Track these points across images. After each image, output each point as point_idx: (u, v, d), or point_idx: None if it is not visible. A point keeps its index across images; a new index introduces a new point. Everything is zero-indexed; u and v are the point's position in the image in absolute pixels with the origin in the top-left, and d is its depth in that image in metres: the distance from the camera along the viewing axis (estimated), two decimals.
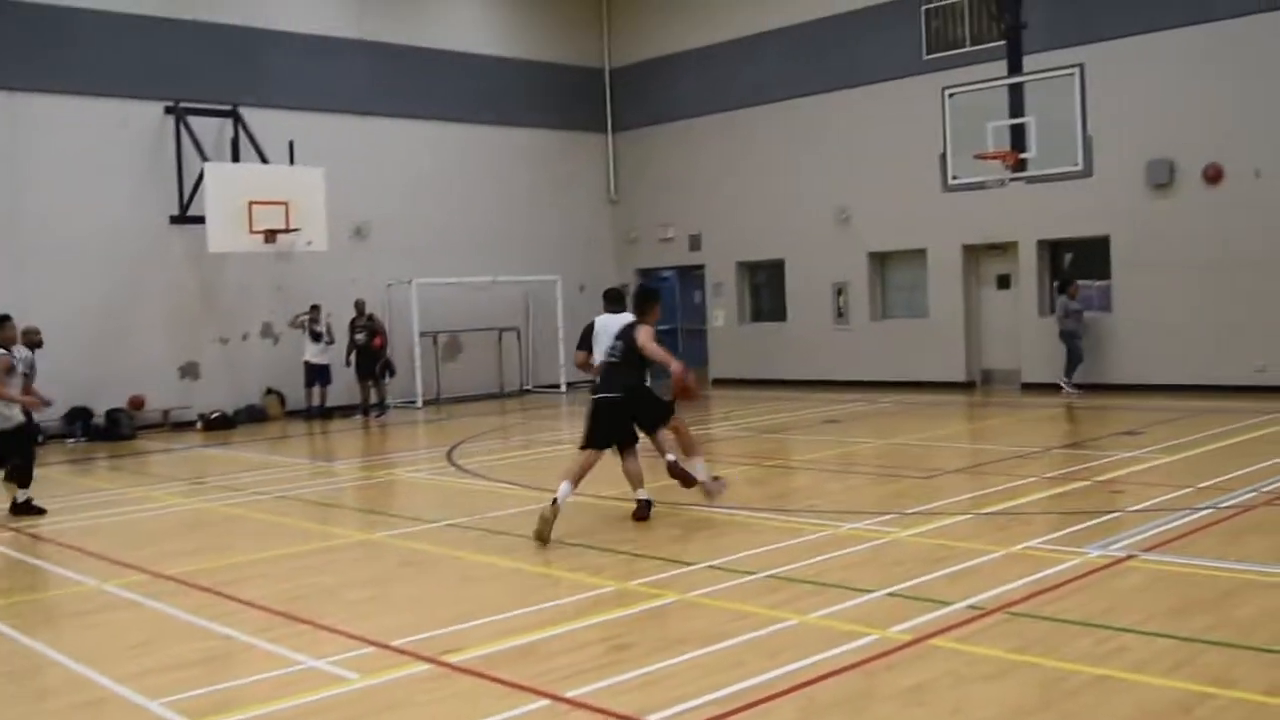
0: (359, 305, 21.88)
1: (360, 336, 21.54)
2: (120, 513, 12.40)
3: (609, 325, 11.20)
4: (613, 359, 10.26)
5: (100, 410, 20.06)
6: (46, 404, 12.89)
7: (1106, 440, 14.42)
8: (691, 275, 26.96)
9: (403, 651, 6.55)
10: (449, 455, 15.61)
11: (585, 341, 11.76)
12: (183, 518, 12.02)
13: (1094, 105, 16.10)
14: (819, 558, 8.37)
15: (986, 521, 9.52)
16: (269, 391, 22.15)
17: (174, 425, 20.87)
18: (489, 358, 25.41)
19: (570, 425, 19.74)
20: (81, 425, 19.79)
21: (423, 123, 24.59)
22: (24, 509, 12.11)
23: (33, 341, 13.38)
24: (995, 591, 7.15)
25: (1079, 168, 16.09)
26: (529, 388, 25.74)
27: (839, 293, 23.63)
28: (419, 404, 23.12)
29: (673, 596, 7.48)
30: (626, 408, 10.10)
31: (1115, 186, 19.12)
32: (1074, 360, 19.54)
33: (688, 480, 10.42)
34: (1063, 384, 19.60)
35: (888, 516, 9.83)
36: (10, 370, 11.79)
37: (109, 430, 19.82)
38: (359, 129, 23.56)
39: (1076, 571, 7.61)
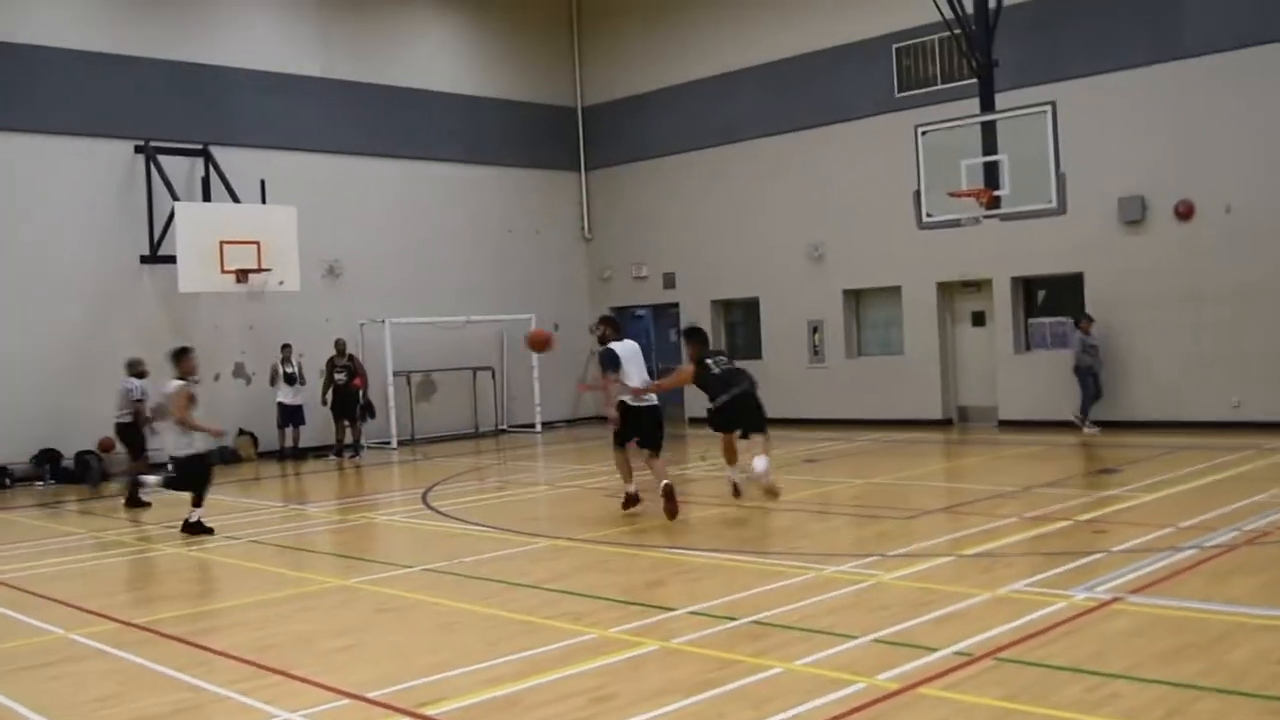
0: (339, 345, 21.69)
1: (340, 376, 21.36)
2: (89, 558, 12.20)
3: (631, 348, 12.89)
4: (730, 367, 13.02)
5: (69, 452, 19.78)
6: (219, 434, 14.61)
7: (1085, 479, 14.39)
8: (666, 313, 26.89)
9: (380, 704, 6.39)
10: (424, 497, 15.44)
11: (616, 365, 12.55)
12: (153, 563, 11.82)
13: (1066, 142, 16.14)
14: (802, 602, 8.24)
15: (969, 563, 9.42)
16: (241, 432, 21.90)
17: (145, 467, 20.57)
18: (464, 397, 25.25)
19: (547, 465, 19.62)
20: (50, 468, 19.51)
21: (395, 161, 24.52)
22: (195, 528, 13.11)
23: (140, 372, 16.54)
24: (982, 637, 7.04)
25: (1052, 205, 16.11)
26: (504, 427, 25.58)
27: (814, 330, 23.60)
28: (394, 444, 22.93)
29: (654, 644, 7.34)
30: (754, 400, 12.81)
31: (1088, 223, 19.16)
32: (1090, 396, 19.41)
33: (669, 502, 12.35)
34: (1076, 420, 19.30)
35: (870, 559, 9.72)
36: (193, 400, 13.23)
37: (78, 473, 19.54)
38: (331, 168, 23.47)
39: (1063, 615, 7.51)
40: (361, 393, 21.74)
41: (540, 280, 26.71)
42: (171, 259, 19.93)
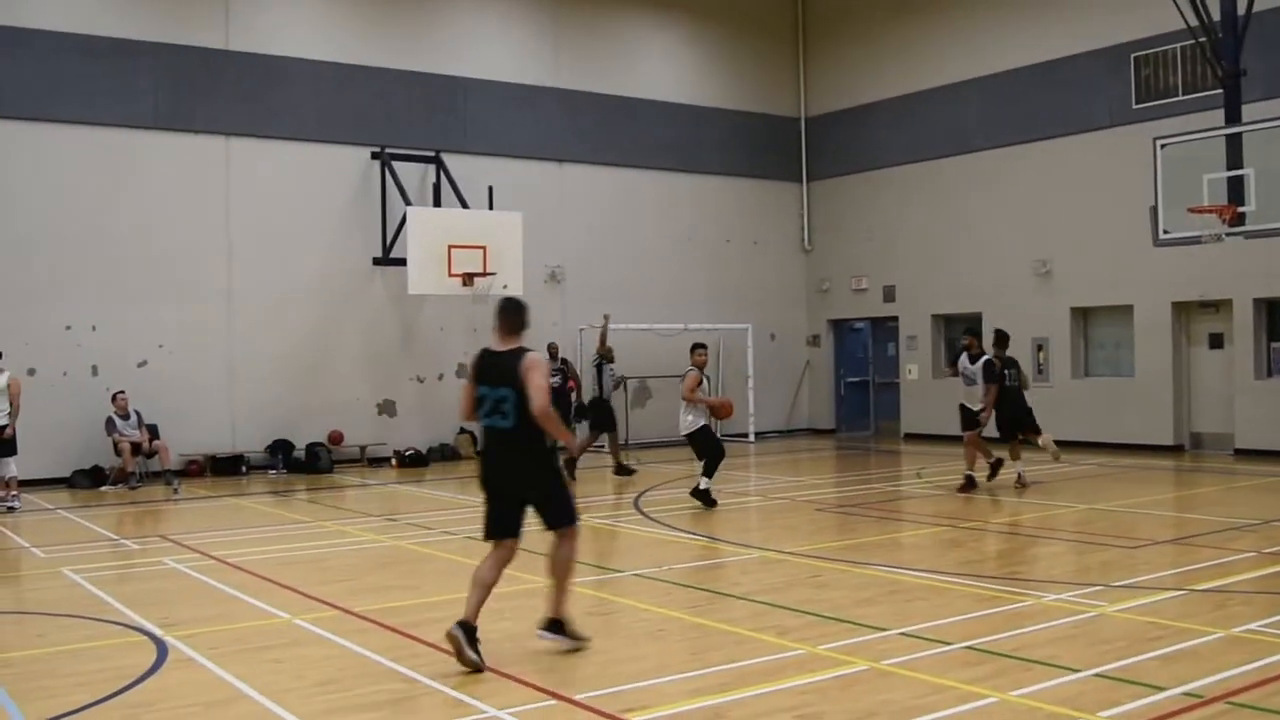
0: (552, 349, 22.02)
1: (555, 380, 21.62)
2: (315, 546, 12.68)
3: None
4: (1014, 384, 16.18)
5: (301, 444, 20.69)
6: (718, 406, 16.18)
7: None
8: (885, 327, 26.49)
9: (585, 707, 6.43)
10: (636, 503, 15.54)
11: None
12: (375, 554, 12.21)
13: None
14: (1020, 630, 7.95)
15: (1201, 599, 8.94)
16: (461, 431, 22.52)
17: (370, 461, 21.39)
18: (678, 404, 25.24)
19: (759, 475, 19.52)
20: (283, 457, 20.42)
21: (617, 170, 24.83)
22: (702, 495, 14.72)
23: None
24: (1214, 678, 6.64)
25: None
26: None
27: (1039, 348, 22.84)
28: (607, 449, 23.13)
29: (864, 664, 7.19)
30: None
31: None
32: None
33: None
34: None
35: (1093, 589, 9.32)
36: (700, 384, 15.21)
37: (308, 463, 20.41)
38: (556, 175, 23.92)
39: None
40: (575, 395, 22.02)
41: (758, 290, 26.65)
42: (402, 261, 20.62)
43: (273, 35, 20.96)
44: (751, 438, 25.00)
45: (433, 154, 22.13)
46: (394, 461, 21.30)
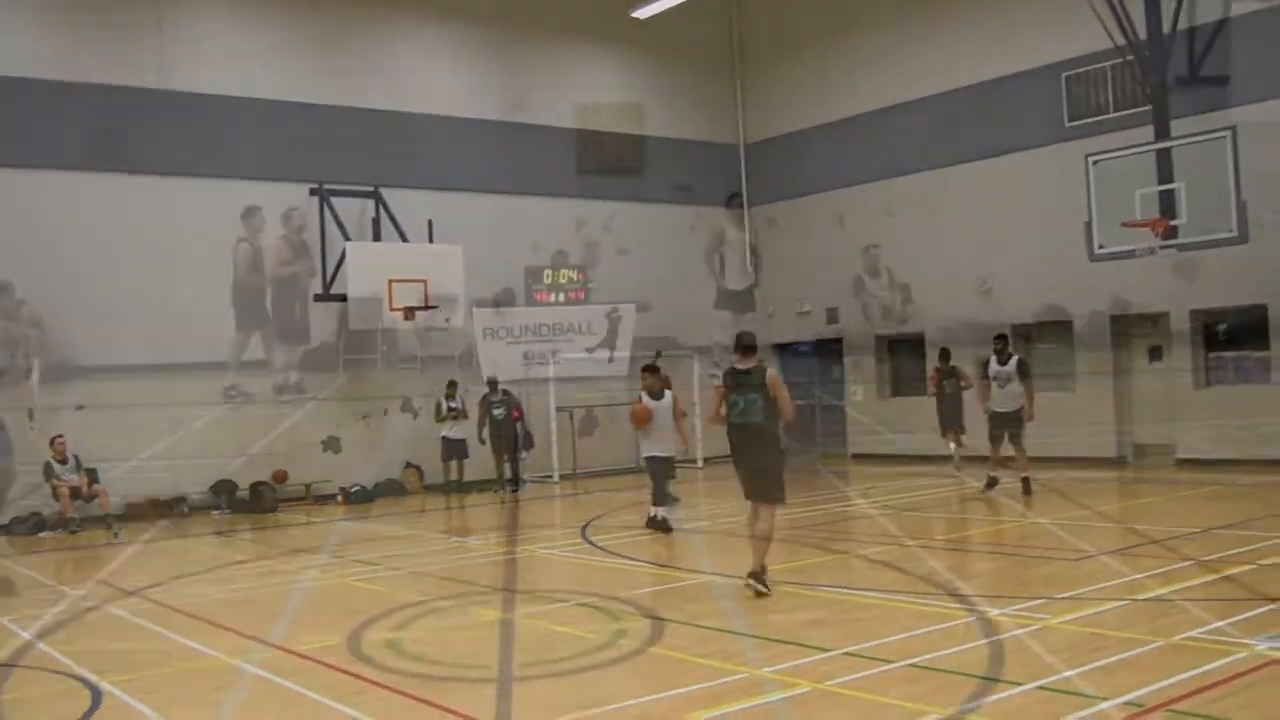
0: (491, 381, 21.92)
1: (499, 411, 21.55)
2: (258, 586, 12.53)
3: None
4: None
5: (245, 483, 20.44)
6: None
7: (1271, 521, 13.65)
8: (829, 349, 26.60)
9: None
10: (583, 532, 15.48)
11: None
12: (319, 592, 12.07)
13: (1248, 169, 15.51)
14: (963, 646, 7.97)
15: (1143, 609, 9.00)
16: (408, 466, 22.36)
17: (315, 498, 21.17)
18: (625, 432, 25.23)
19: (707, 501, 19.49)
20: (227, 497, 20.17)
21: (559, 200, 24.82)
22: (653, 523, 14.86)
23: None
24: (1155, 687, 6.68)
25: (1233, 234, 15.50)
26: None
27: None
28: (555, 479, 23.09)
29: (808, 685, 7.17)
30: None
31: (1273, 252, 18.28)
32: None
33: None
34: None
35: (1036, 601, 9.37)
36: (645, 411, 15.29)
37: (252, 503, 20.17)
38: (496, 207, 23.86)
39: (1245, 666, 7.09)
40: (520, 424, 21.95)
41: (702, 316, 26.70)
42: (343, 297, 20.48)
43: (206, 74, 20.75)
44: (699, 463, 24.98)
45: (371, 189, 22.02)
46: (340, 498, 21.09)
